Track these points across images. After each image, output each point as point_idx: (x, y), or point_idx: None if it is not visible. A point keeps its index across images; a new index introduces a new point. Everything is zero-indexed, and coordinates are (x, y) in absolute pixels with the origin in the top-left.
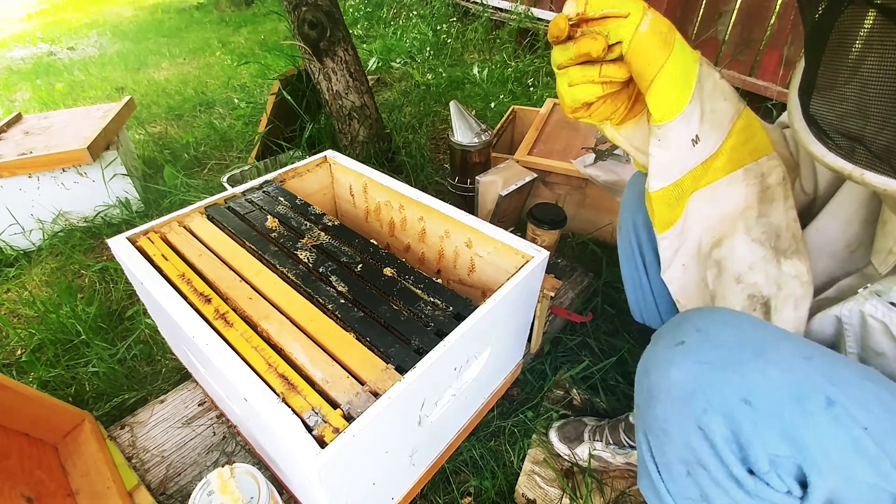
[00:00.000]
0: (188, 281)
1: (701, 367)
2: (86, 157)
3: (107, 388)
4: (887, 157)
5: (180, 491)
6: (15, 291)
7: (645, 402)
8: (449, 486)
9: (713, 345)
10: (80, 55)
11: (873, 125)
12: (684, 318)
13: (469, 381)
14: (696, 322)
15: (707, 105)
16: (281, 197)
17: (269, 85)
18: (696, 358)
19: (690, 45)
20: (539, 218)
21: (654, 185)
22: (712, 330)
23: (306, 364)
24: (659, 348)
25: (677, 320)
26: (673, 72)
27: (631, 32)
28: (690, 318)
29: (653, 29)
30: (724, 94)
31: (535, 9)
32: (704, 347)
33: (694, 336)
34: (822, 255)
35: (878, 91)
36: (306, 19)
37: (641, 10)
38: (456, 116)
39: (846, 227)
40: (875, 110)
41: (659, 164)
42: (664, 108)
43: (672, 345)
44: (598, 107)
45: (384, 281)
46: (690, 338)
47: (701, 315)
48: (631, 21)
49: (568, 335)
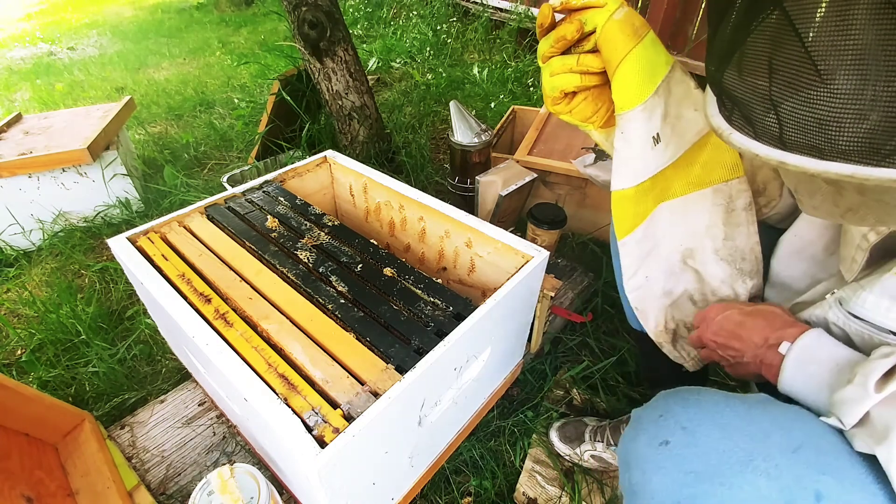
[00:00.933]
0: (188, 281)
1: (686, 478)
2: (86, 157)
3: (107, 388)
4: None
5: (180, 491)
6: (15, 291)
7: (629, 497)
8: (449, 485)
9: (699, 451)
10: (80, 55)
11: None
12: (667, 411)
13: (469, 381)
14: (680, 418)
15: (673, 108)
16: (281, 197)
17: (269, 85)
18: (682, 466)
19: (690, 45)
20: (539, 218)
21: (616, 183)
22: (699, 431)
23: (306, 364)
24: (641, 444)
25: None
26: (638, 61)
27: (604, 19)
28: (675, 412)
29: (625, 19)
30: (697, 104)
31: (535, 9)
32: (690, 453)
33: (679, 436)
34: (802, 258)
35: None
36: (306, 19)
37: (618, 2)
38: (456, 116)
39: (822, 231)
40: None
41: (621, 160)
42: (626, 95)
43: (656, 444)
44: (579, 103)
45: (384, 281)
46: (675, 437)
47: (686, 409)
48: (606, 10)
49: (568, 335)
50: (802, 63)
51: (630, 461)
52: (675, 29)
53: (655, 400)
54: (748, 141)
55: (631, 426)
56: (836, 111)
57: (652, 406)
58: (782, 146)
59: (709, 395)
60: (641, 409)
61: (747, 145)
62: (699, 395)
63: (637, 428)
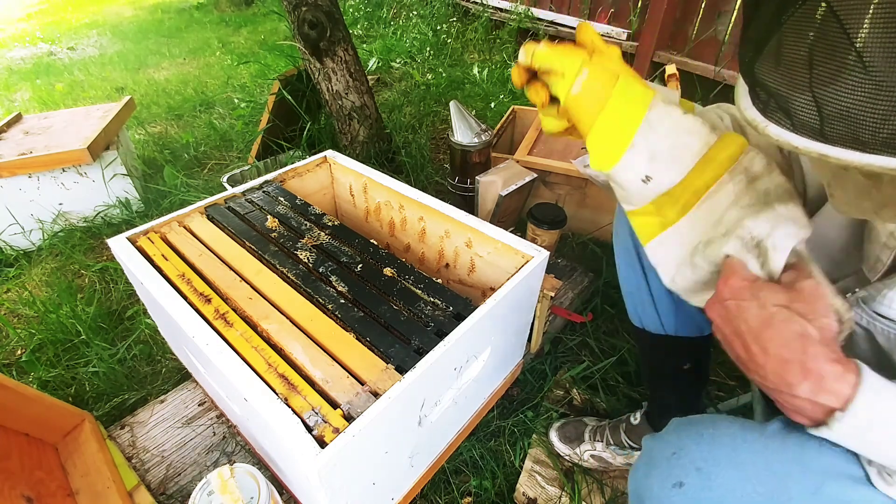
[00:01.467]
0: (188, 281)
1: None
2: (86, 157)
3: (107, 388)
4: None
5: (180, 491)
6: (15, 291)
7: None
8: (449, 485)
9: (715, 495)
10: (80, 55)
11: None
12: (681, 448)
13: (469, 381)
14: (695, 457)
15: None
16: (281, 197)
17: (269, 85)
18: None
19: (690, 45)
20: (539, 218)
21: (626, 206)
22: (714, 472)
23: (306, 364)
24: (655, 483)
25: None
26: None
27: (565, 92)
28: (689, 450)
29: (585, 89)
30: (689, 129)
31: (535, 9)
32: (706, 498)
33: (694, 478)
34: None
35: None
36: (306, 19)
37: (577, 69)
38: (456, 116)
39: (839, 230)
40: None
41: (620, 196)
42: (599, 160)
43: (669, 485)
44: (574, 131)
45: (384, 281)
46: (690, 479)
47: (700, 447)
48: (566, 80)
49: (568, 335)
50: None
51: (643, 497)
52: (675, 29)
53: (668, 432)
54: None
55: (642, 460)
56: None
57: (664, 440)
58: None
59: (724, 429)
60: (653, 441)
61: (786, 138)
62: (714, 428)
63: (649, 463)
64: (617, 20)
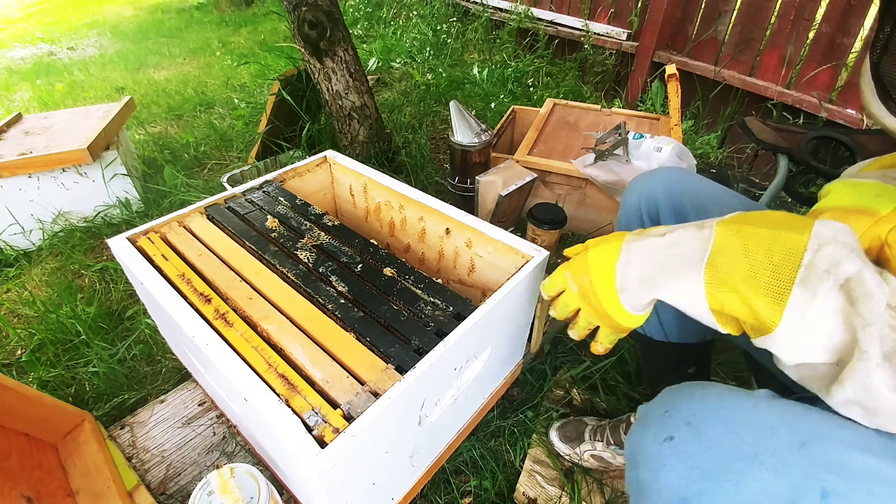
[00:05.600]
0: (188, 281)
1: (692, 473)
2: (86, 157)
3: (107, 388)
4: None
5: (180, 491)
6: (15, 291)
7: (635, 494)
8: (449, 485)
9: (704, 446)
10: (80, 55)
11: None
12: (672, 406)
13: (469, 381)
14: (685, 414)
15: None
16: (281, 197)
17: (269, 85)
18: (687, 461)
19: (690, 45)
20: (539, 218)
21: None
22: (703, 426)
23: (306, 364)
24: (648, 441)
25: (665, 405)
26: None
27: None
28: (679, 408)
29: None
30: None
31: (535, 9)
32: (695, 449)
33: (684, 431)
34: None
35: None
36: (306, 19)
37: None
38: (456, 116)
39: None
40: None
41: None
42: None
43: (661, 439)
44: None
45: (384, 281)
46: (680, 433)
47: (691, 405)
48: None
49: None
50: None
51: (637, 458)
52: (675, 29)
53: (661, 396)
54: None
55: (637, 423)
56: None
57: (657, 402)
58: None
59: (713, 390)
60: (647, 406)
61: None
62: (704, 389)
63: (643, 425)
64: (617, 20)
